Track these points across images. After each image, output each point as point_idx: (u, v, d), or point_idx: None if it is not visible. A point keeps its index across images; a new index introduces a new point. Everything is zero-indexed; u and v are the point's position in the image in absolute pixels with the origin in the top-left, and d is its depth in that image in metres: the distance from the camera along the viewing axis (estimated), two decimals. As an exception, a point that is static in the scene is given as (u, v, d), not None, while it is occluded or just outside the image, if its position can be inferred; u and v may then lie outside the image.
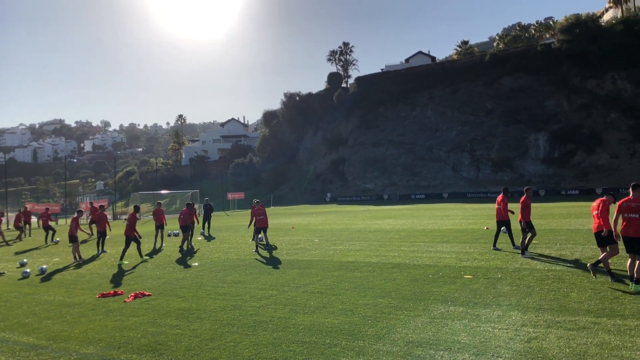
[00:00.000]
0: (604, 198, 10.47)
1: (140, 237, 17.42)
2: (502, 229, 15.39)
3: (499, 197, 15.47)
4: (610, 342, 6.51)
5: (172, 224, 30.64)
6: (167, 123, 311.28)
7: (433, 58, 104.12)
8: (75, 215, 19.23)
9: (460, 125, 77.30)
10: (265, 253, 17.25)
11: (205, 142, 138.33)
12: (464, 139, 75.72)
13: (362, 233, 22.83)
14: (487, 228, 21.95)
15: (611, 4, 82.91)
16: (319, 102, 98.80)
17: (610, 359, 5.94)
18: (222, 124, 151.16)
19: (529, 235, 13.80)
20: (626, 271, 9.96)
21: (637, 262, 9.13)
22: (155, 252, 19.71)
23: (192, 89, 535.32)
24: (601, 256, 10.19)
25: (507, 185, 66.13)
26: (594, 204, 10.66)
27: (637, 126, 64.00)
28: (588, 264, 10.76)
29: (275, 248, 18.51)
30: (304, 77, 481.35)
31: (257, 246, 18.19)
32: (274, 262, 15.08)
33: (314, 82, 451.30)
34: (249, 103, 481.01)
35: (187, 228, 20.04)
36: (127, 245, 16.94)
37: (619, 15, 77.20)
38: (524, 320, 7.69)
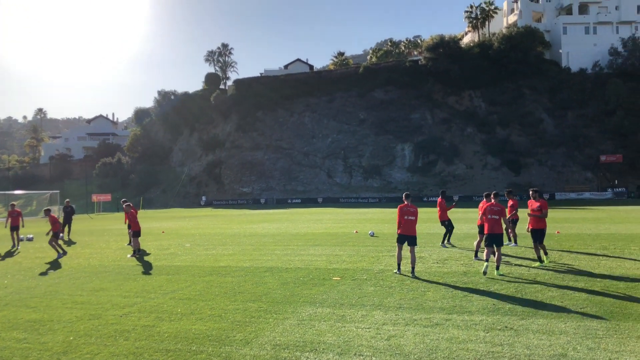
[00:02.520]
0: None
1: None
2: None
3: (439, 200, 17.30)
4: (458, 336, 7.14)
5: (28, 227, 27.81)
6: (24, 117, 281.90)
7: (311, 66, 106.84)
8: None
9: (335, 133, 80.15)
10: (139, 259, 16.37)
11: (68, 139, 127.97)
12: (338, 147, 78.62)
13: (236, 237, 22.62)
14: (356, 232, 22.97)
15: (469, 29, 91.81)
16: (195, 102, 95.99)
17: (457, 352, 6.52)
18: (89, 121, 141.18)
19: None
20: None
21: (497, 253, 11.68)
22: (7, 255, 17.71)
23: (55, 82, 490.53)
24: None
25: (375, 191, 69.96)
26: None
27: (488, 140, 71.46)
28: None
29: (148, 254, 17.62)
30: (180, 76, 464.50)
31: (134, 251, 17.16)
32: (140, 268, 14.34)
33: (190, 82, 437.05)
34: (120, 100, 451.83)
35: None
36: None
37: (476, 39, 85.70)
38: (385, 319, 8.15)
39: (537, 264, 12.69)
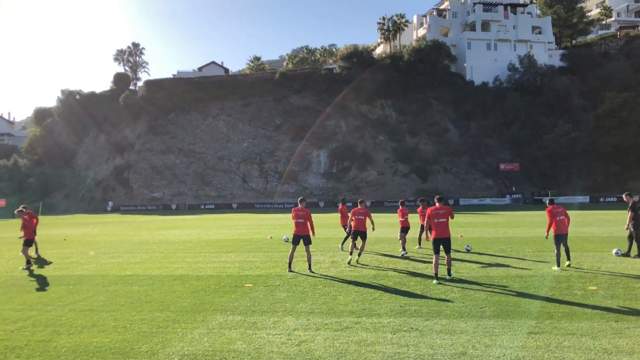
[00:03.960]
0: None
1: None
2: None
3: (340, 207, 18.84)
4: (367, 339, 7.31)
5: None
6: None
7: (226, 70, 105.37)
8: None
9: (251, 137, 79.58)
10: (33, 268, 15.16)
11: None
12: (254, 151, 78.13)
13: (144, 245, 21.73)
14: (270, 237, 22.91)
15: (382, 40, 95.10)
16: (103, 102, 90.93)
17: (366, 354, 6.67)
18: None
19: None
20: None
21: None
22: None
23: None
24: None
25: (291, 196, 70.23)
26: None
27: (398, 148, 74.26)
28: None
29: (49, 263, 16.42)
30: (86, 75, 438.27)
31: (27, 261, 15.83)
32: (37, 279, 13.33)
33: (97, 82, 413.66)
34: (17, 97, 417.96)
35: None
36: None
37: (388, 50, 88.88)
38: (296, 324, 8.17)
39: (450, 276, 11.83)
